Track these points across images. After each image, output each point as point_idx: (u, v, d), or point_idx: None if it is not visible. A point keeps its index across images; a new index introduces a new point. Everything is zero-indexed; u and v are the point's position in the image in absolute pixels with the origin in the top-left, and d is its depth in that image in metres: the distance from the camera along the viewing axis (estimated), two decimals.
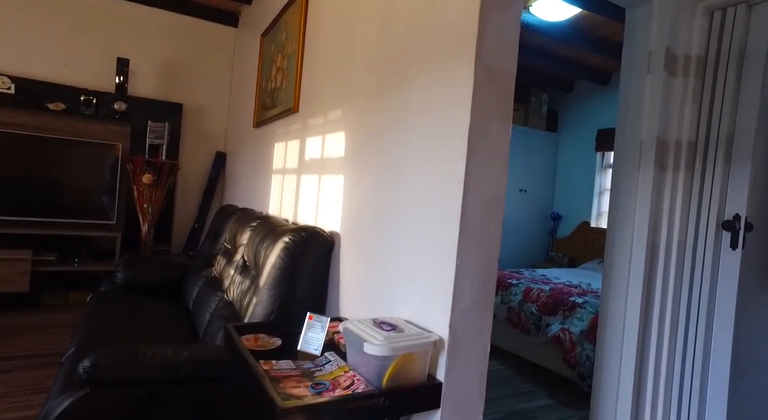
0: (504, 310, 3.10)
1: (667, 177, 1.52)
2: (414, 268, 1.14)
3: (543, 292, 2.94)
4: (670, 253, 1.51)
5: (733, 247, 1.50)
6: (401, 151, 1.25)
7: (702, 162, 1.54)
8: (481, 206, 1.02)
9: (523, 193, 4.91)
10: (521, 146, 4.88)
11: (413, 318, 1.12)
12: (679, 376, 1.61)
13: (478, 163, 1.01)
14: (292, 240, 1.54)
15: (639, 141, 1.51)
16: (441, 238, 1.04)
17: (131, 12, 3.52)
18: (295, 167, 2.16)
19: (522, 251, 4.93)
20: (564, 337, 2.55)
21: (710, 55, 1.54)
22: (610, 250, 1.58)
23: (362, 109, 1.51)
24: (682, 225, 1.51)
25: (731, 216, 1.49)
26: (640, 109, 1.52)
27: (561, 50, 4.12)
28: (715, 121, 1.53)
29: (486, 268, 1.03)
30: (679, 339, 1.58)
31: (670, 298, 1.55)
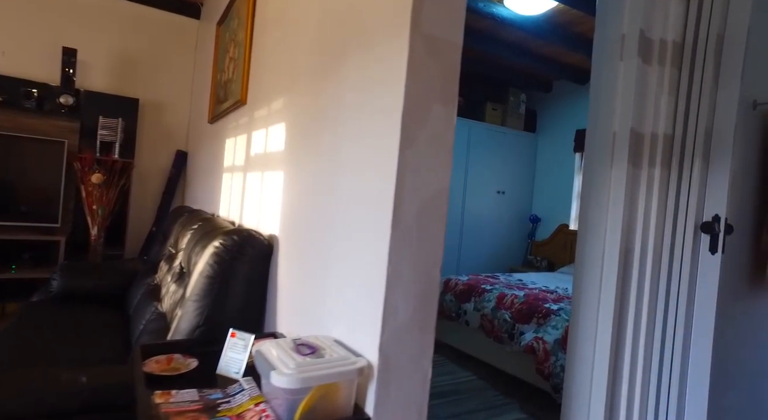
0: (477, 318, 2.94)
1: (642, 175, 1.38)
2: (347, 278, 0.97)
3: (517, 298, 2.79)
4: (645, 258, 1.36)
5: (713, 252, 1.36)
6: (336, 142, 1.07)
7: (679, 158, 1.40)
8: (419, 204, 0.85)
9: (500, 194, 4.78)
10: (499, 147, 4.76)
11: (345, 338, 0.94)
12: (656, 390, 1.46)
13: (414, 153, 0.84)
14: (222, 245, 1.35)
15: (612, 134, 1.36)
16: (372, 243, 0.87)
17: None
18: (242, 165, 1.98)
19: (499, 255, 4.79)
20: (537, 347, 2.40)
21: (687, 41, 1.41)
22: (581, 254, 1.43)
23: (302, 96, 1.33)
24: (658, 227, 1.37)
25: (710, 217, 1.35)
26: (612, 99, 1.38)
27: (538, 47, 4.01)
28: (692, 113, 1.40)
29: (424, 278, 0.86)
30: (655, 351, 1.43)
31: (645, 307, 1.40)
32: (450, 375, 2.86)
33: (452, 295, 3.20)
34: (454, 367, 3.02)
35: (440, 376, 2.82)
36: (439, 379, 2.77)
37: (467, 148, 4.56)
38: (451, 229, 4.49)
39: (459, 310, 3.11)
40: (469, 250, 4.60)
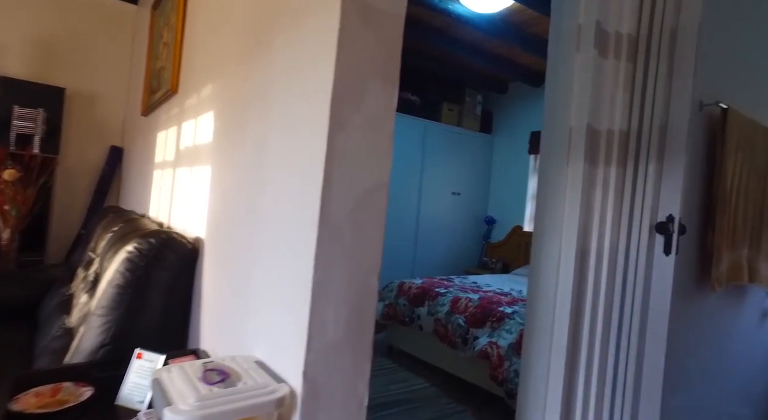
0: (431, 322, 2.85)
1: (598, 173, 1.31)
2: (270, 289, 0.82)
3: (471, 301, 2.72)
4: (601, 260, 1.30)
5: (667, 253, 1.31)
6: (263, 130, 0.93)
7: (635, 156, 1.35)
8: (352, 200, 0.72)
9: (456, 196, 4.74)
10: (455, 147, 4.72)
11: (268, 359, 0.80)
12: (610, 394, 1.40)
13: (347, 139, 0.71)
14: (137, 249, 1.17)
15: (568, 128, 1.29)
16: (296, 246, 0.73)
17: None
18: (172, 160, 1.78)
19: (455, 257, 4.75)
20: (491, 352, 2.33)
21: (642, 35, 1.36)
22: (537, 255, 1.35)
23: (230, 81, 1.18)
24: (614, 228, 1.31)
25: (665, 217, 1.31)
26: (569, 92, 1.30)
27: (494, 47, 3.99)
28: (647, 110, 1.35)
29: (359, 288, 0.73)
30: (611, 354, 1.37)
31: (601, 310, 1.34)
32: (402, 382, 2.75)
33: (406, 299, 3.10)
34: (407, 373, 2.91)
35: (393, 385, 2.71)
36: (391, 388, 2.66)
37: (423, 148, 4.50)
38: (406, 231, 4.39)
39: (413, 314, 3.01)
40: (424, 253, 4.53)
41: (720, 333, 2.09)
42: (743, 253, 1.97)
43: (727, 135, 1.78)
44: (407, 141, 4.39)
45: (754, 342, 2.38)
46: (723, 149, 1.78)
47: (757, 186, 2.01)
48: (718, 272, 1.81)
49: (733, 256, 1.91)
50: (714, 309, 2.03)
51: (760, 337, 2.43)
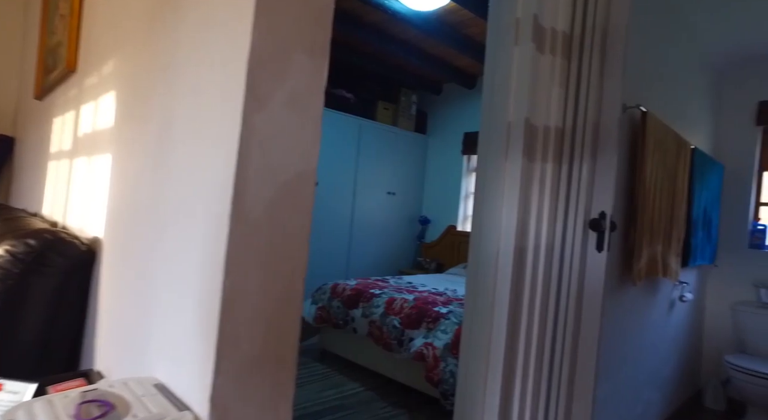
0: (365, 324, 2.77)
1: (536, 169, 1.30)
2: (176, 295, 0.69)
3: (407, 302, 2.67)
4: (538, 257, 1.28)
5: (599, 249, 1.33)
6: (169, 108, 0.79)
7: (569, 154, 1.35)
8: (273, 190, 0.61)
9: (391, 195, 4.71)
10: (390, 147, 4.69)
11: (171, 381, 0.66)
12: (546, 388, 1.39)
13: (267, 119, 0.60)
14: (10, 253, 0.96)
15: (506, 123, 1.26)
16: (207, 245, 0.61)
17: None
18: (69, 149, 1.54)
19: (390, 257, 4.72)
20: (427, 353, 2.29)
21: (575, 33, 1.37)
22: (476, 253, 1.30)
23: (134, 53, 1.01)
24: (550, 224, 1.30)
25: (597, 214, 1.32)
26: (507, 86, 1.28)
27: (430, 47, 4.00)
28: (581, 108, 1.36)
29: (281, 293, 0.62)
30: (547, 352, 1.37)
31: (539, 308, 1.32)
32: (336, 388, 2.64)
33: (340, 302, 2.99)
34: (341, 378, 2.81)
35: (326, 391, 2.59)
36: (324, 394, 2.54)
37: (358, 146, 4.41)
38: (340, 231, 4.29)
39: (347, 316, 2.91)
40: (358, 253, 4.45)
41: (637, 324, 2.21)
42: (658, 249, 2.09)
43: (646, 137, 1.87)
44: (342, 139, 4.28)
45: (663, 331, 2.55)
46: (643, 151, 1.87)
47: (668, 186, 2.14)
48: (639, 267, 1.90)
49: (651, 252, 2.02)
50: (633, 302, 2.14)
51: (668, 326, 2.60)
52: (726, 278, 3.15)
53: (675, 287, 2.62)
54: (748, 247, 3.08)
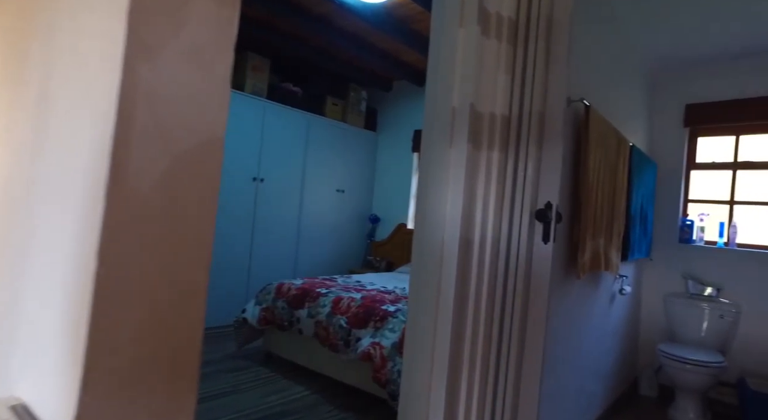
0: (311, 325, 2.65)
1: (482, 157, 1.24)
2: (44, 291, 0.56)
3: (354, 301, 2.58)
4: (484, 249, 1.23)
5: (545, 241, 1.30)
6: (47, 65, 0.65)
7: (515, 142, 1.31)
8: (166, 161, 0.50)
9: (340, 193, 4.61)
10: (339, 143, 4.58)
11: (35, 399, 0.53)
12: (493, 385, 1.34)
13: (157, 72, 0.49)
14: None
15: (451, 108, 1.20)
16: (80, 228, 0.49)
17: None
18: None
19: (339, 256, 4.61)
20: (374, 353, 2.21)
21: (521, 20, 1.33)
22: (420, 245, 1.23)
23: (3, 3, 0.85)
24: (496, 214, 1.25)
25: (543, 204, 1.29)
26: (451, 70, 1.22)
27: (379, 42, 3.93)
28: (527, 95, 1.32)
29: (179, 288, 0.51)
30: (493, 348, 1.32)
31: (485, 301, 1.27)
32: (280, 393, 2.51)
33: (284, 302, 2.85)
34: (285, 382, 2.67)
35: (270, 396, 2.45)
36: (268, 400, 2.40)
37: (306, 142, 4.27)
38: (287, 230, 4.13)
39: (292, 317, 2.77)
40: (306, 252, 4.31)
41: (581, 317, 2.24)
42: (600, 243, 2.13)
43: (590, 132, 1.89)
44: (290, 134, 4.13)
45: (605, 324, 2.62)
46: (586, 145, 1.89)
47: (609, 182, 2.18)
48: (583, 261, 1.91)
49: (594, 246, 2.04)
50: (577, 295, 2.16)
51: (609, 319, 2.67)
52: (659, 271, 3.30)
53: (615, 281, 2.69)
54: (678, 242, 3.24)
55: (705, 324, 2.97)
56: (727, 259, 3.05)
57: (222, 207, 3.58)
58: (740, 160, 3.17)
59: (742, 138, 3.18)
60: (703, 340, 2.96)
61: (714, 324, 2.94)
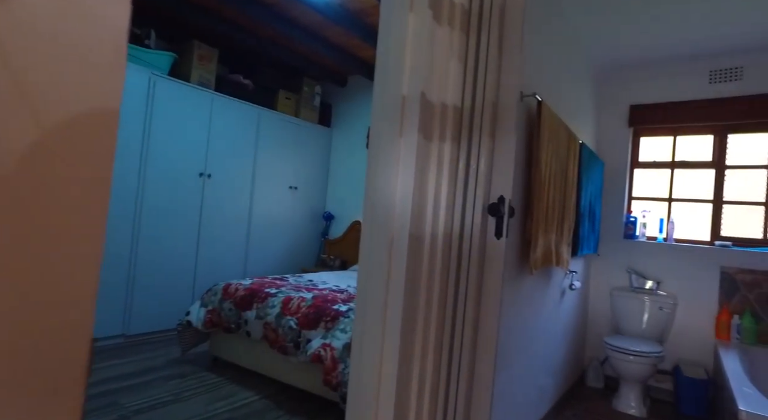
0: (260, 327, 2.52)
1: (433, 148, 1.19)
2: None
3: (305, 301, 2.48)
4: (435, 244, 1.18)
5: (498, 236, 1.26)
6: None
7: (468, 134, 1.26)
8: (35, 132, 0.40)
9: (293, 190, 4.47)
10: (292, 139, 4.44)
11: None
12: (445, 386, 1.30)
13: (17, 17, 0.39)
14: None
15: (401, 97, 1.14)
16: None
17: None
18: None
19: (292, 255, 4.47)
20: (325, 355, 2.12)
21: (473, 8, 1.29)
22: (367, 242, 1.16)
23: None
24: (449, 208, 1.20)
25: (496, 198, 1.25)
26: (402, 56, 1.15)
27: (333, 35, 3.83)
28: (480, 85, 1.28)
29: (56, 293, 0.41)
30: (446, 347, 1.27)
31: (436, 299, 1.22)
32: (226, 399, 2.37)
33: (231, 303, 2.70)
34: (233, 388, 2.53)
35: (215, 403, 2.31)
36: (213, 407, 2.26)
37: (257, 137, 4.10)
38: (237, 228, 3.95)
39: (239, 319, 2.63)
40: (258, 252, 4.14)
41: (533, 313, 2.25)
42: (552, 239, 2.14)
43: (542, 127, 1.89)
44: (239, 128, 3.95)
45: (556, 319, 2.66)
46: (539, 140, 1.89)
47: (560, 177, 2.20)
48: (535, 256, 1.91)
49: (546, 242, 2.05)
50: (529, 291, 2.17)
51: (560, 313, 2.72)
52: (606, 266, 3.41)
53: (566, 276, 2.74)
54: (623, 238, 3.36)
55: (646, 316, 3.09)
56: (666, 253, 3.19)
57: (166, 204, 3.37)
58: (677, 160, 3.32)
59: (679, 138, 3.34)
60: (644, 332, 3.08)
61: (654, 316, 3.07)
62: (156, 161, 3.28)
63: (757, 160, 3.07)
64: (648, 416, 2.77)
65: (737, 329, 2.87)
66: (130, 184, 3.13)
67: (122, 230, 3.11)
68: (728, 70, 3.09)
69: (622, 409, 2.81)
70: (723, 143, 3.17)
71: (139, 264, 3.21)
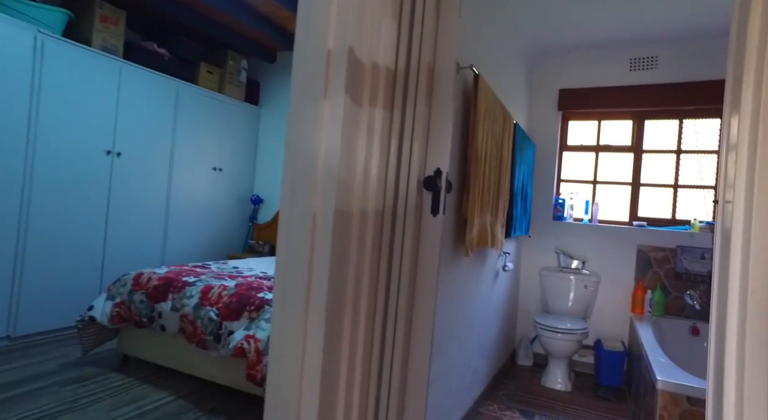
0: (175, 320, 2.28)
1: (363, 114, 1.05)
2: None
3: (226, 290, 2.27)
4: (366, 221, 1.05)
5: (434, 213, 1.16)
6: None
7: (402, 99, 1.14)
8: None
9: (217, 172, 4.14)
10: (216, 117, 4.10)
11: None
12: (377, 378, 1.18)
13: None
14: None
15: (326, 51, 0.98)
16: None
17: None
18: None
19: (217, 241, 4.17)
20: (248, 348, 1.94)
21: None
22: (287, 218, 1.00)
23: None
24: (380, 182, 1.08)
25: (432, 171, 1.14)
26: (327, 6, 0.99)
27: (260, 5, 3.53)
28: (415, 46, 1.15)
29: None
30: (377, 331, 1.15)
31: (366, 285, 1.09)
32: (135, 403, 2.11)
33: (143, 294, 2.42)
34: (144, 389, 2.27)
35: (119, 409, 2.05)
36: (115, 414, 2.00)
37: (175, 113, 3.73)
38: (153, 213, 3.59)
39: (152, 312, 2.37)
40: (177, 238, 3.80)
41: (468, 295, 2.21)
42: (488, 219, 2.10)
43: (478, 101, 1.81)
44: (154, 102, 3.56)
45: (490, 300, 2.66)
46: (475, 115, 1.81)
47: (496, 156, 2.16)
48: (471, 237, 1.85)
49: (481, 222, 2.00)
50: (465, 273, 2.12)
51: (493, 295, 2.73)
52: (536, 247, 3.49)
53: (500, 257, 2.75)
54: (552, 219, 3.46)
55: (572, 294, 3.21)
56: (591, 234, 3.32)
57: (64, 186, 2.95)
58: (602, 144, 3.45)
59: (603, 123, 3.47)
60: (570, 309, 3.20)
61: (579, 293, 3.19)
62: (49, 137, 2.85)
63: (667, 145, 3.26)
64: (572, 390, 2.88)
65: (649, 303, 3.05)
66: (13, 163, 2.69)
67: (3, 219, 2.67)
68: (646, 58, 3.23)
69: (550, 385, 2.90)
70: (641, 129, 3.33)
71: (28, 256, 2.78)
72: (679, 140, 3.23)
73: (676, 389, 1.74)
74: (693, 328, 2.86)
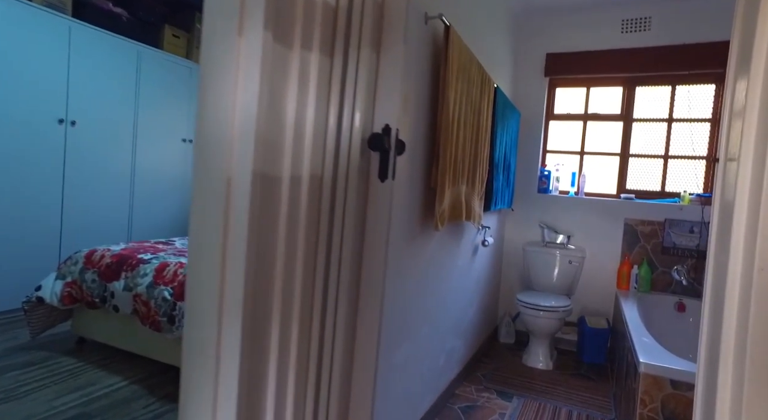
0: (128, 300, 2.11)
1: (293, 59, 0.86)
2: None
3: (183, 267, 2.10)
4: (298, 188, 0.87)
5: (382, 178, 0.98)
6: None
7: (344, 41, 0.94)
8: None
9: (187, 143, 3.91)
10: (184, 85, 3.84)
11: None
12: (315, 377, 1.03)
13: None
14: None
15: None
16: None
17: None
18: None
19: (186, 215, 3.97)
20: None
21: None
22: (199, 187, 0.82)
23: None
24: (317, 140, 0.89)
25: (380, 128, 0.96)
26: None
27: None
28: None
29: None
30: (316, 314, 1.00)
31: (301, 256, 0.92)
32: (83, 390, 1.96)
33: (95, 273, 2.24)
34: (95, 374, 2.12)
35: (64, 396, 1.90)
36: (58, 402, 1.85)
37: (137, 80, 3.47)
38: (117, 186, 3.37)
39: (104, 292, 2.19)
40: (143, 213, 3.60)
41: (440, 274, 2.06)
42: (462, 190, 1.93)
43: (449, 57, 1.61)
44: (112, 67, 3.29)
45: (467, 278, 2.52)
46: (445, 73, 1.61)
47: (472, 121, 1.97)
48: (441, 209, 1.68)
49: (454, 193, 1.83)
50: (436, 249, 1.96)
51: (471, 272, 2.58)
52: (519, 221, 3.34)
53: (479, 232, 2.59)
54: (537, 192, 3.30)
55: (556, 270, 3.08)
56: (577, 207, 3.18)
57: (11, 154, 2.72)
58: (590, 113, 3.27)
59: (592, 90, 3.27)
60: (554, 286, 3.07)
61: (563, 269, 3.06)
62: None
63: (659, 113, 3.09)
64: (554, 368, 2.79)
65: (635, 279, 2.94)
66: None
67: None
68: (638, 19, 3.02)
69: (532, 364, 2.80)
70: (631, 96, 3.15)
71: None
72: (671, 108, 3.05)
73: (660, 372, 1.62)
74: (679, 304, 2.75)
